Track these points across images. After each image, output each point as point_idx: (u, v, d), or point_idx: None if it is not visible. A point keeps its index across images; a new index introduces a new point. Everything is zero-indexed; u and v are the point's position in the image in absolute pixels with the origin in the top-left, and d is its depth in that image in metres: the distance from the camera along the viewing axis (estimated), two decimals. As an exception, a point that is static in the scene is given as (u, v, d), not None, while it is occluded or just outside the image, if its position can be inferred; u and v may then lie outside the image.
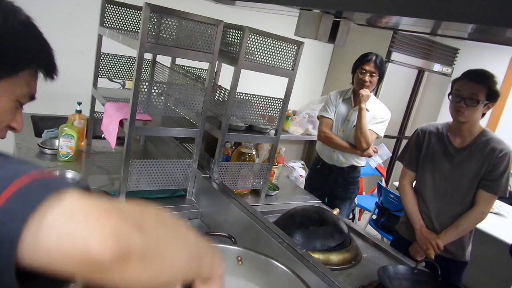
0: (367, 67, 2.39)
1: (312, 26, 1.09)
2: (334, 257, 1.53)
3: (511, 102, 4.44)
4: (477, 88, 1.66)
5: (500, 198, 3.23)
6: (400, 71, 4.14)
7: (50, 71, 0.80)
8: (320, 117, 2.60)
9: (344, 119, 2.52)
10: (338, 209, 1.87)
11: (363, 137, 2.38)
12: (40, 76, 0.79)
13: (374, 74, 2.39)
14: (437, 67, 4.44)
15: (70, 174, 1.73)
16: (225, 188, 1.75)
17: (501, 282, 2.77)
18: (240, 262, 1.07)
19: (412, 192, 1.94)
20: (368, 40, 3.81)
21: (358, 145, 2.42)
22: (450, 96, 1.75)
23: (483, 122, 1.84)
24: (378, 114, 2.48)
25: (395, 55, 4.00)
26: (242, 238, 1.39)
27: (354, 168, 2.59)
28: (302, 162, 4.24)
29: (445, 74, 4.53)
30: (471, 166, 1.76)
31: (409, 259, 1.72)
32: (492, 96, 1.68)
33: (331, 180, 2.60)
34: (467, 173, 1.76)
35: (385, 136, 2.69)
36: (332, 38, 1.13)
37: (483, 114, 1.74)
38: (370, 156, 2.55)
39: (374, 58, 2.39)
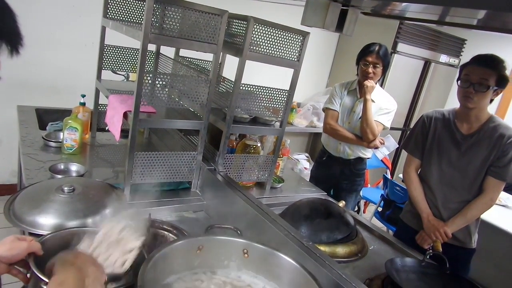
0: (370, 58, 2.36)
1: (319, 14, 1.06)
2: (341, 250, 1.52)
3: (519, 93, 4.38)
4: (487, 73, 1.62)
5: (508, 190, 3.22)
6: (406, 62, 4.09)
7: (14, 44, 0.65)
8: (325, 109, 2.58)
9: (350, 110, 2.49)
10: (343, 201, 1.85)
11: (369, 128, 2.36)
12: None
13: (377, 65, 2.36)
14: (443, 58, 4.38)
15: (74, 167, 1.72)
16: (230, 180, 1.73)
17: (508, 274, 2.75)
18: (246, 255, 1.06)
19: (418, 179, 1.91)
20: (373, 31, 3.75)
21: (364, 136, 2.40)
22: (459, 82, 1.71)
23: (491, 110, 1.79)
24: (384, 105, 2.45)
25: (401, 46, 3.95)
26: (248, 230, 1.38)
27: (361, 160, 2.57)
28: (307, 155, 4.22)
29: (452, 65, 4.47)
30: (479, 153, 1.73)
31: (416, 251, 1.70)
32: (502, 81, 1.64)
33: (337, 172, 2.58)
34: (475, 160, 1.74)
35: (391, 128, 2.65)
36: (339, 27, 1.10)
37: (491, 100, 1.71)
38: (376, 147, 2.52)
39: (377, 48, 2.36)
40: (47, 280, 0.79)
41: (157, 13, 1.59)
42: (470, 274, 1.90)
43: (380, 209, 3.37)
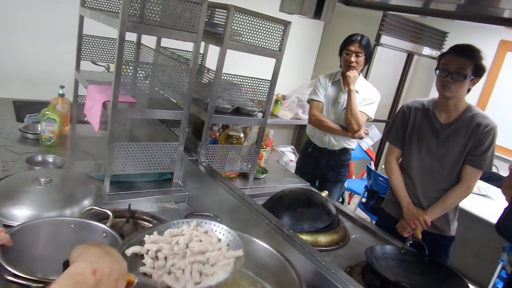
0: (352, 48, 2.37)
1: (297, 0, 1.05)
2: (322, 239, 1.53)
3: (499, 85, 4.46)
4: (464, 63, 1.65)
5: (488, 180, 3.28)
6: (389, 55, 4.12)
7: None
8: (310, 101, 2.58)
9: (334, 101, 2.50)
10: (326, 191, 1.86)
11: (354, 119, 2.38)
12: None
13: (360, 55, 2.38)
14: (426, 50, 4.42)
15: (52, 159, 1.69)
16: (213, 171, 1.72)
17: (487, 263, 2.81)
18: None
19: (398, 169, 1.93)
20: (357, 24, 3.77)
21: (349, 127, 2.42)
22: (437, 71, 1.74)
23: (473, 102, 1.82)
24: (368, 96, 2.47)
25: (384, 39, 3.97)
26: (230, 221, 1.37)
27: (346, 151, 2.59)
28: (292, 147, 4.23)
29: (434, 58, 4.51)
30: (457, 142, 1.75)
31: (396, 239, 1.72)
32: (478, 71, 1.67)
33: (322, 163, 2.59)
34: (453, 149, 1.76)
35: (375, 120, 2.68)
36: (317, 13, 1.10)
37: (469, 90, 1.73)
38: (361, 138, 2.55)
39: (359, 38, 2.38)
40: (14, 272, 0.78)
41: (137, 1, 1.56)
42: (450, 262, 1.94)
43: (364, 200, 3.40)
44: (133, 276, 0.74)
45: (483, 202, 3.04)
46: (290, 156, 3.94)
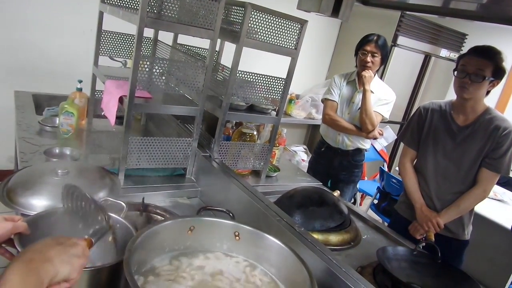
0: (368, 48, 2.36)
1: (314, -2, 1.06)
2: (333, 238, 1.53)
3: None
4: (484, 64, 1.62)
5: (504, 185, 3.22)
6: (406, 56, 4.08)
7: None
8: (324, 100, 2.57)
9: (349, 101, 2.49)
10: (338, 191, 1.86)
11: (368, 119, 2.36)
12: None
13: (376, 55, 2.36)
14: (444, 52, 4.36)
15: (69, 151, 1.72)
16: (225, 167, 1.73)
17: (502, 268, 2.76)
18: (238, 238, 1.06)
19: (413, 170, 1.91)
20: (374, 24, 3.74)
21: (363, 127, 2.40)
22: (455, 72, 1.71)
23: (491, 105, 1.79)
24: (383, 96, 2.45)
25: (401, 39, 3.93)
26: (241, 217, 1.38)
27: (359, 151, 2.57)
28: (305, 147, 4.22)
29: (452, 60, 4.45)
30: (474, 144, 1.73)
31: (409, 241, 1.71)
32: (498, 73, 1.63)
33: (335, 163, 2.58)
34: (469, 151, 1.74)
35: (389, 121, 2.66)
36: (335, 12, 1.10)
37: (488, 92, 1.70)
38: (375, 138, 2.53)
39: (375, 38, 2.36)
40: None
41: (155, -2, 1.58)
42: (463, 267, 1.90)
43: (376, 201, 3.38)
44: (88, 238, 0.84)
45: (499, 207, 2.99)
46: (302, 155, 3.94)
